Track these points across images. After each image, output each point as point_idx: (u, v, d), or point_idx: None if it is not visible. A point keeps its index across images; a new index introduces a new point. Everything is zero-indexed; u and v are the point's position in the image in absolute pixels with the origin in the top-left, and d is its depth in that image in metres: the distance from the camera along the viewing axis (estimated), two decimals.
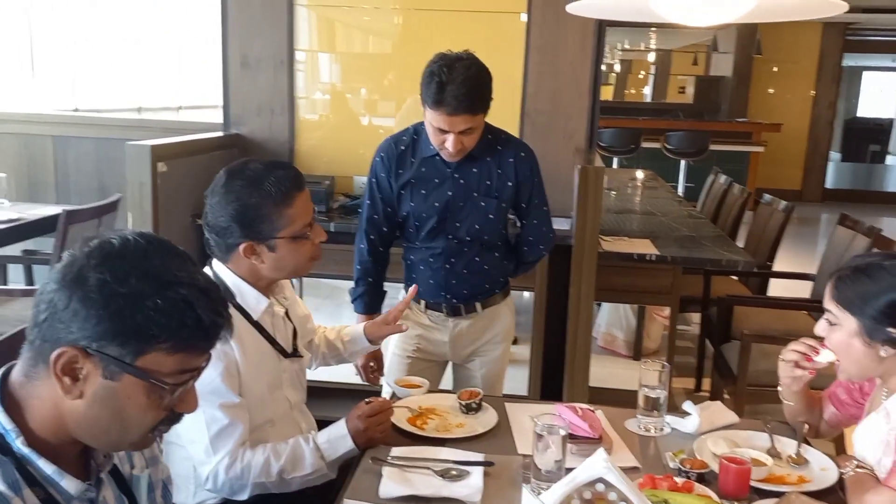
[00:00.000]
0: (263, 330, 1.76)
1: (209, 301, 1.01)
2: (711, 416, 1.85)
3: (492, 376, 2.47)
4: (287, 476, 1.66)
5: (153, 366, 0.98)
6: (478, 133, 2.18)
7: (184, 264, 1.02)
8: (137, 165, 3.05)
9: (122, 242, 1.00)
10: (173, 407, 1.04)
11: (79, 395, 0.97)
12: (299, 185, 1.71)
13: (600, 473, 1.39)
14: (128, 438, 1.03)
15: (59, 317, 0.95)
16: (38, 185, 4.82)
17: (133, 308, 0.96)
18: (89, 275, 0.96)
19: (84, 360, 0.96)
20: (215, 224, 1.68)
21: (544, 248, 2.50)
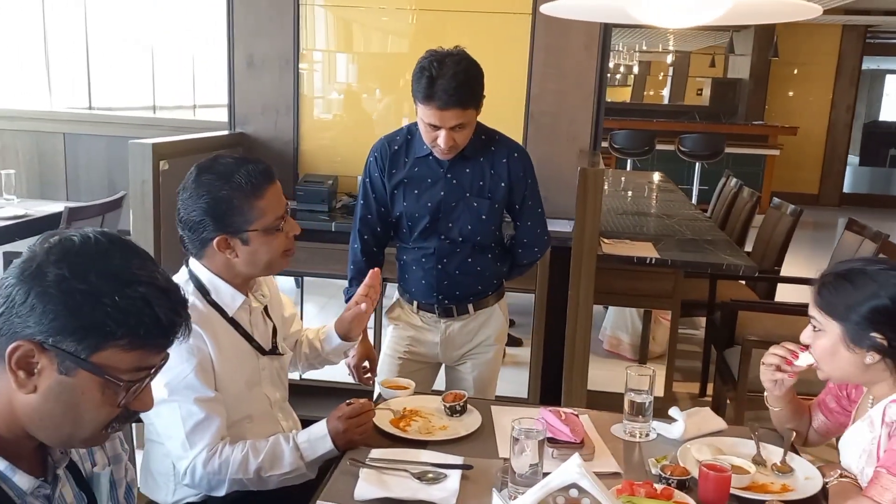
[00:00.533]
0: (240, 327, 1.76)
1: (168, 300, 1.02)
2: (699, 422, 1.82)
3: (484, 379, 2.45)
4: (265, 474, 1.66)
5: (109, 362, 0.98)
6: (469, 130, 2.17)
7: (144, 263, 1.03)
8: (139, 163, 3.06)
9: (82, 240, 1.00)
10: (128, 405, 1.03)
11: (33, 389, 0.98)
12: (270, 178, 1.71)
13: (574, 479, 1.38)
14: (80, 434, 1.03)
15: (16, 311, 0.96)
16: (50, 182, 4.87)
17: (91, 304, 0.96)
18: (48, 270, 0.96)
19: (39, 355, 0.96)
20: (188, 219, 1.68)
21: (539, 251, 2.48)
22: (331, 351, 2.07)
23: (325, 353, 2.08)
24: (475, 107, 2.13)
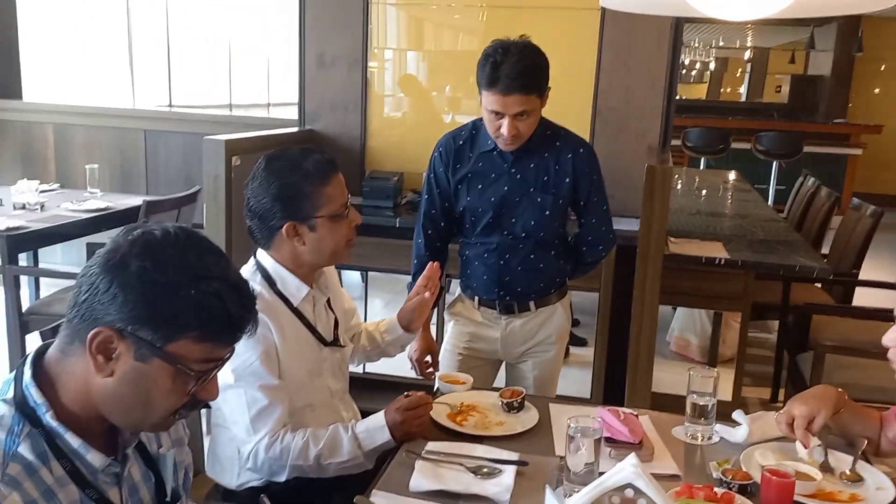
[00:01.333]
0: (303, 317, 1.79)
1: (238, 296, 1.06)
2: (763, 426, 1.77)
3: (544, 378, 2.44)
4: (324, 461, 1.70)
5: (181, 352, 1.03)
6: (533, 120, 2.16)
7: (218, 260, 1.07)
8: (213, 159, 3.16)
9: (163, 234, 1.05)
10: (195, 393, 1.07)
11: (110, 373, 1.02)
12: (335, 167, 1.76)
13: (629, 479, 1.36)
14: (150, 419, 1.08)
15: (99, 298, 1.01)
16: (131, 176, 5.08)
17: (168, 297, 1.01)
18: (131, 262, 1.01)
19: (118, 341, 1.01)
20: (258, 208, 1.73)
21: (603, 249, 2.45)
22: (391, 342, 2.09)
23: (384, 345, 2.10)
24: (539, 94, 2.12)
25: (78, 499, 1.04)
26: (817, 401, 1.63)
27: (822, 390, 1.68)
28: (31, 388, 1.03)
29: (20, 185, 4.10)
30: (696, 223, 3.95)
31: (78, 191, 4.49)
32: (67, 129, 5.14)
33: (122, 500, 1.11)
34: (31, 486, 0.97)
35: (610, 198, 2.45)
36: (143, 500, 1.16)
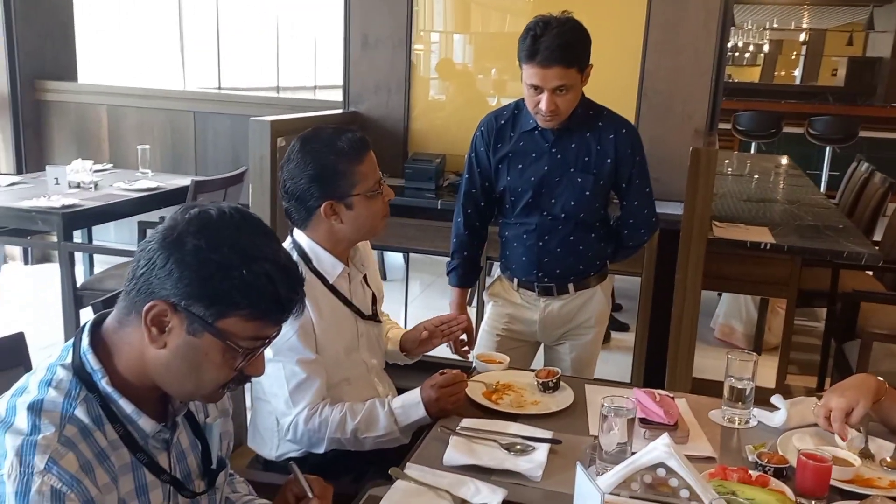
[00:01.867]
0: (339, 293, 1.83)
1: (287, 278, 1.08)
2: (803, 411, 1.75)
3: (582, 361, 2.44)
4: (361, 435, 1.74)
5: (231, 329, 1.06)
6: (572, 96, 2.15)
7: (269, 242, 1.10)
8: (258, 140, 3.21)
9: (219, 214, 1.08)
10: (243, 369, 1.11)
11: (163, 345, 1.06)
12: (367, 145, 1.79)
13: (661, 458, 1.36)
14: (200, 391, 1.12)
15: (156, 273, 1.04)
16: (181, 157, 5.19)
17: (221, 275, 1.04)
18: (187, 240, 1.04)
19: (172, 315, 1.05)
20: (294, 189, 1.76)
21: (646, 233, 2.43)
22: (389, 352, 2.10)
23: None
24: (579, 69, 2.11)
25: (129, 462, 1.08)
26: (855, 391, 1.60)
27: (861, 380, 1.65)
28: (88, 354, 1.08)
29: (75, 165, 4.22)
30: (745, 208, 3.87)
31: (130, 171, 4.61)
32: (120, 111, 5.27)
33: (171, 465, 1.16)
34: (86, 448, 1.02)
35: (654, 181, 2.43)
36: (191, 467, 1.20)
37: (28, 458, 0.96)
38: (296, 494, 1.26)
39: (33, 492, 0.94)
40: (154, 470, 1.11)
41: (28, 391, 1.04)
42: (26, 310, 4.49)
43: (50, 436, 0.99)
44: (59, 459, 0.97)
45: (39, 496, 0.94)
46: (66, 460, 0.98)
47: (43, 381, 1.05)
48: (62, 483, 0.96)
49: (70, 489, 0.96)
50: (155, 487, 1.12)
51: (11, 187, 4.03)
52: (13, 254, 5.51)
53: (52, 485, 0.95)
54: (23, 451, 0.96)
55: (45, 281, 4.98)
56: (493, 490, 1.41)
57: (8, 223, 3.85)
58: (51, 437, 0.99)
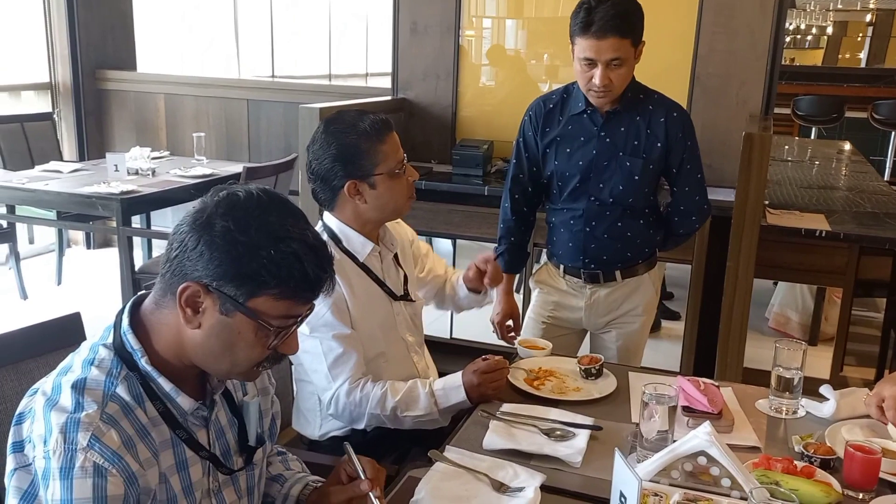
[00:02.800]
0: (371, 272, 1.86)
1: (316, 257, 1.10)
2: (853, 402, 1.70)
3: (629, 349, 2.41)
4: (401, 413, 1.76)
5: (262, 308, 1.08)
6: (625, 71, 2.12)
7: (297, 222, 1.11)
8: (308, 126, 3.26)
9: (246, 196, 1.10)
10: (276, 348, 1.13)
11: (198, 325, 1.09)
12: (390, 126, 1.81)
13: (702, 446, 1.35)
14: (236, 370, 1.14)
15: (187, 255, 1.07)
16: (235, 144, 5.29)
17: (250, 256, 1.06)
18: (216, 221, 1.07)
19: (205, 296, 1.07)
20: (319, 169, 1.79)
21: (697, 220, 2.38)
22: (464, 298, 2.13)
23: (458, 301, 2.15)
24: (633, 41, 2.08)
25: (169, 438, 1.12)
26: None
27: None
28: (128, 334, 1.11)
29: (133, 152, 4.35)
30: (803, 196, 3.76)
31: (186, 158, 4.73)
32: (177, 99, 5.39)
33: (210, 442, 1.19)
34: (128, 424, 1.06)
35: (707, 167, 2.38)
36: (229, 443, 1.23)
37: (72, 436, 1.00)
38: (349, 474, 1.28)
39: (77, 468, 0.98)
40: (193, 446, 1.15)
41: (72, 370, 1.08)
42: (87, 293, 4.65)
43: (93, 413, 1.03)
44: (102, 436, 1.01)
45: (83, 472, 0.98)
46: (107, 437, 1.02)
47: (86, 360, 1.09)
48: (104, 459, 1.00)
49: (112, 465, 1.00)
50: (194, 463, 1.15)
51: (74, 174, 4.17)
52: (76, 239, 5.71)
53: (95, 461, 0.99)
54: (67, 429, 1.00)
55: (105, 265, 5.15)
56: (531, 474, 1.42)
57: (70, 208, 3.99)
58: (93, 414, 1.02)
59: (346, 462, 1.29)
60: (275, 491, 1.35)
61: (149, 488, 1.06)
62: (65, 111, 5.40)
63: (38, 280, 4.82)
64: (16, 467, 1.02)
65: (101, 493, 0.99)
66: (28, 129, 4.78)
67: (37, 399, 1.06)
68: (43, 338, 1.47)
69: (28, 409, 1.06)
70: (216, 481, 1.20)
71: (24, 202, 4.10)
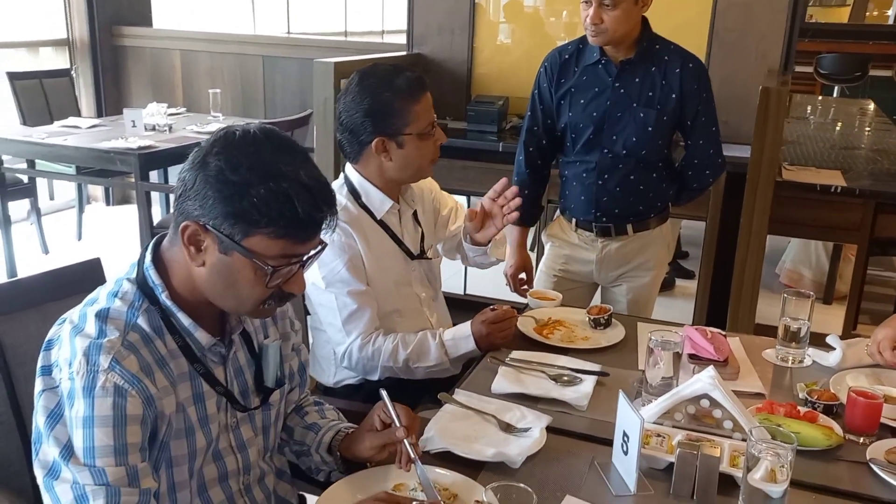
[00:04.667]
0: (388, 229, 1.87)
1: (309, 196, 1.08)
2: (859, 352, 1.72)
3: (639, 303, 2.43)
4: (412, 364, 1.80)
5: (257, 248, 1.09)
6: (621, 13, 2.11)
7: (293, 159, 1.10)
8: (322, 82, 3.26)
9: (242, 134, 1.11)
10: (281, 287, 1.14)
11: (202, 263, 1.11)
12: (424, 86, 1.79)
13: (705, 389, 1.38)
14: (243, 307, 1.17)
15: (188, 194, 1.09)
16: (250, 101, 5.29)
17: (240, 194, 1.06)
18: (210, 160, 1.08)
19: (204, 235, 1.09)
20: (349, 122, 1.78)
21: (711, 175, 2.38)
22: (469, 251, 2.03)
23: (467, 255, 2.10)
24: None
25: (187, 371, 1.16)
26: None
27: None
28: (150, 270, 1.15)
29: (150, 109, 4.37)
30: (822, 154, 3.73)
31: (202, 114, 4.75)
32: (192, 56, 5.39)
33: (227, 379, 1.23)
34: (147, 353, 1.10)
35: (724, 123, 2.37)
36: (248, 382, 1.27)
37: (94, 358, 1.05)
38: (383, 420, 1.29)
39: (98, 387, 1.03)
40: (210, 381, 1.19)
41: (98, 301, 1.13)
42: (107, 247, 4.72)
43: (114, 339, 1.07)
44: (122, 360, 1.06)
45: (104, 391, 1.03)
46: (128, 361, 1.06)
47: (111, 292, 1.14)
48: (124, 381, 1.04)
49: (131, 386, 1.05)
50: (210, 397, 1.19)
51: (92, 129, 4.21)
52: (95, 195, 5.78)
53: (115, 382, 1.04)
54: (90, 352, 1.05)
55: (124, 220, 5.21)
56: (538, 416, 1.45)
57: (90, 163, 4.03)
58: (115, 340, 1.07)
59: (381, 408, 1.29)
60: (309, 439, 1.38)
61: (164, 413, 1.10)
62: (82, 67, 5.42)
63: (59, 235, 4.90)
64: (44, 388, 1.07)
65: (120, 411, 1.03)
66: (46, 85, 4.81)
67: (64, 327, 1.11)
68: (65, 282, 1.51)
69: (56, 336, 1.11)
70: (233, 418, 1.24)
71: (43, 157, 4.15)
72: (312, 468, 1.39)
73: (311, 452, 1.37)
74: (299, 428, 1.40)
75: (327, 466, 1.36)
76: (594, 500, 1.24)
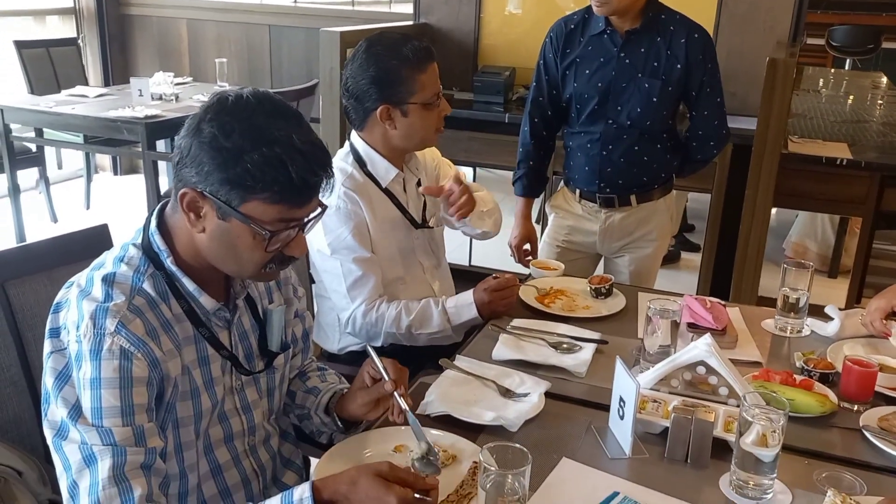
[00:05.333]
0: (393, 197, 1.88)
1: (303, 160, 1.08)
2: (857, 322, 1.73)
3: (641, 274, 2.44)
4: (415, 331, 1.82)
5: (254, 213, 1.10)
6: None
7: (286, 124, 1.09)
8: (329, 50, 3.26)
9: (234, 99, 1.11)
10: (282, 250, 1.16)
11: (202, 229, 1.13)
12: (431, 56, 1.79)
13: (701, 356, 1.40)
14: (244, 271, 1.18)
15: (184, 161, 1.10)
16: (257, 70, 5.28)
17: (235, 161, 1.07)
18: (204, 126, 1.08)
19: (202, 201, 1.11)
20: (355, 89, 1.79)
21: (715, 146, 2.38)
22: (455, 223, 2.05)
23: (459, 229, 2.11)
24: None
25: (192, 335, 1.18)
26: (894, 293, 1.59)
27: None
28: (155, 236, 1.17)
29: (157, 78, 4.38)
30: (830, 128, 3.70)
31: (208, 84, 4.75)
32: (199, 25, 5.37)
33: (232, 343, 1.25)
34: (153, 317, 1.12)
35: (731, 95, 2.37)
36: (252, 346, 1.30)
37: (101, 322, 1.07)
38: (372, 376, 1.31)
39: (105, 350, 1.06)
40: (215, 344, 1.21)
41: (104, 266, 1.15)
42: (115, 216, 4.74)
43: (120, 303, 1.09)
44: (128, 324, 1.08)
45: (110, 354, 1.06)
46: (133, 325, 1.08)
47: (117, 257, 1.16)
48: (130, 343, 1.07)
49: (137, 349, 1.07)
50: (215, 360, 1.22)
51: (99, 98, 4.22)
52: (103, 165, 5.80)
53: (122, 345, 1.06)
54: (96, 315, 1.07)
55: (132, 190, 5.24)
56: (537, 382, 1.48)
57: (97, 132, 4.05)
58: (121, 304, 1.09)
59: (369, 365, 1.32)
60: (310, 403, 1.40)
61: (169, 376, 1.13)
62: (89, 36, 5.41)
63: (68, 204, 4.93)
64: (52, 350, 1.10)
65: (126, 373, 1.06)
66: (53, 53, 4.81)
67: (72, 290, 1.13)
68: (73, 247, 1.54)
69: (64, 300, 1.13)
70: (238, 381, 1.27)
71: (51, 126, 4.17)
72: (314, 431, 1.42)
73: (311, 415, 1.40)
74: (301, 392, 1.43)
75: (327, 428, 1.39)
76: (590, 462, 1.27)
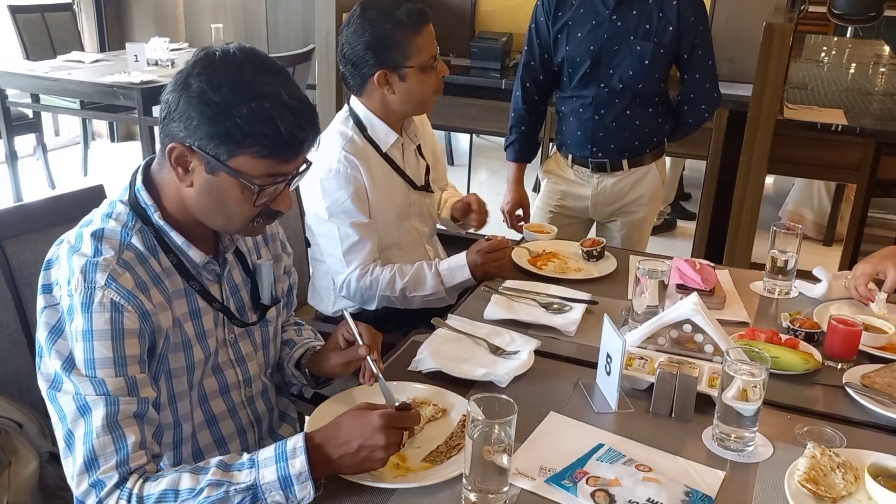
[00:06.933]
0: (393, 162, 1.89)
1: (291, 116, 1.09)
2: (845, 285, 1.75)
3: (632, 238, 2.46)
4: (409, 294, 1.85)
5: (243, 168, 1.11)
6: None
7: (274, 79, 1.10)
8: (324, 15, 3.25)
9: (222, 55, 1.11)
10: (269, 205, 1.17)
11: (190, 184, 1.14)
12: (427, 18, 1.79)
13: (687, 314, 1.42)
14: (232, 226, 1.20)
15: (172, 116, 1.11)
16: (253, 36, 5.25)
17: (223, 115, 1.08)
18: (192, 81, 1.09)
19: (191, 156, 1.12)
20: (351, 54, 1.79)
21: (706, 109, 2.39)
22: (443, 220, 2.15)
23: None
24: None
25: (183, 288, 1.20)
26: (880, 259, 1.62)
27: (890, 250, 1.65)
28: (141, 191, 1.18)
29: (153, 43, 4.36)
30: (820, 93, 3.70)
31: None
32: None
33: (223, 296, 1.27)
34: (142, 271, 1.14)
35: (729, 61, 2.36)
36: (244, 300, 1.32)
37: (91, 276, 1.09)
38: (346, 338, 1.34)
39: (96, 303, 1.08)
40: (206, 297, 1.23)
41: (93, 222, 1.16)
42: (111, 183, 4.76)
43: (110, 258, 1.11)
44: (118, 277, 1.10)
45: (101, 307, 1.08)
46: (123, 279, 1.10)
47: (105, 213, 1.17)
48: (120, 297, 1.09)
49: (127, 302, 1.09)
50: (207, 313, 1.24)
51: (95, 64, 4.21)
52: (100, 132, 5.78)
53: (112, 298, 1.08)
54: (86, 270, 1.09)
55: (129, 156, 5.25)
56: (527, 340, 1.50)
57: (93, 98, 4.04)
58: (110, 258, 1.11)
59: (344, 328, 1.33)
60: (284, 354, 1.44)
61: (160, 328, 1.15)
62: (84, 1, 5.37)
63: (65, 170, 4.94)
64: (45, 306, 1.12)
65: (117, 325, 1.08)
66: (49, 19, 4.78)
67: (62, 247, 1.15)
68: (69, 207, 1.55)
69: (55, 256, 1.15)
70: (232, 333, 1.29)
71: (47, 91, 4.16)
72: (285, 382, 1.45)
73: (283, 367, 1.43)
74: (279, 337, 1.44)
75: (297, 381, 1.42)
76: (577, 416, 1.30)
